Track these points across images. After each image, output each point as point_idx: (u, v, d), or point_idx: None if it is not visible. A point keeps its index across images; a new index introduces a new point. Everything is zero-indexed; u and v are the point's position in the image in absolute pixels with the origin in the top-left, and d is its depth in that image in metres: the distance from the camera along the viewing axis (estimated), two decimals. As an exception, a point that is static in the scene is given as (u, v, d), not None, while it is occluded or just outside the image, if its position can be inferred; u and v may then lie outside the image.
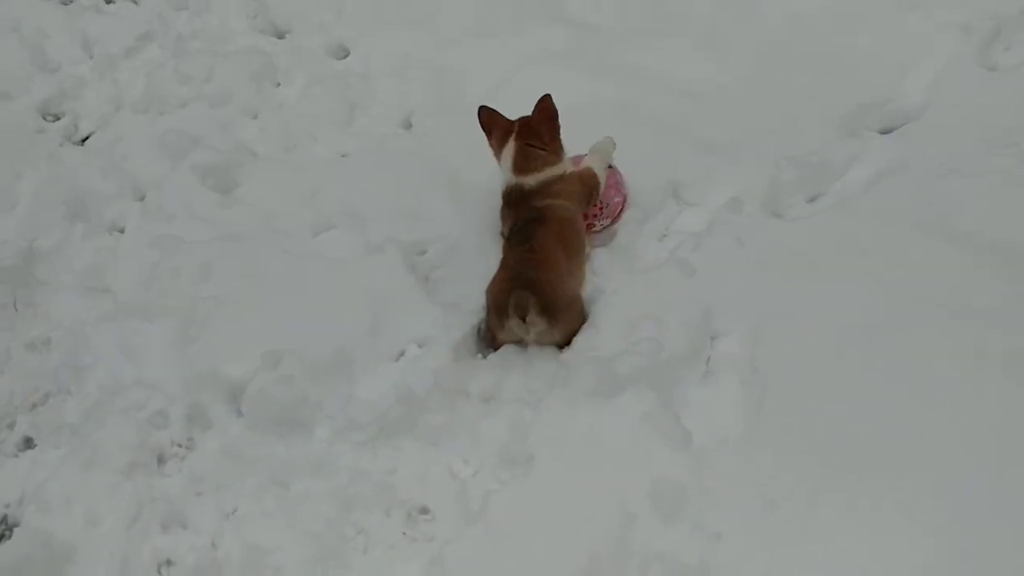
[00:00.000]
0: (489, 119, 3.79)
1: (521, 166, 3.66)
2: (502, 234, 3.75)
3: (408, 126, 4.65)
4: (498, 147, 3.76)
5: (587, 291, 3.58)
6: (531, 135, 3.70)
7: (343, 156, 4.49)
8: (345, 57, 5.13)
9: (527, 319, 3.18)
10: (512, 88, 4.67)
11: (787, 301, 3.43)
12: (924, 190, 3.90)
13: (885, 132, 4.38)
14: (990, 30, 4.81)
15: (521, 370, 3.35)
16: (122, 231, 4.02)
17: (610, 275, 3.68)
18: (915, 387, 3.07)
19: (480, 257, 3.82)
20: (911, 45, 4.73)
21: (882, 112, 4.43)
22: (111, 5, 5.59)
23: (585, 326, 3.43)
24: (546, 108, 3.70)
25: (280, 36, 5.30)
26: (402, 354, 3.48)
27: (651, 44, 4.81)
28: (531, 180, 3.65)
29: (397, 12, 5.22)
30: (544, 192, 3.63)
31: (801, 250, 3.64)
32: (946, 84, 4.52)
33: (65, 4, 5.53)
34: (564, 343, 3.35)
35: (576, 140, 4.00)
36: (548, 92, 3.72)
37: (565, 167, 3.74)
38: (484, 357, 3.44)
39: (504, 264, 3.40)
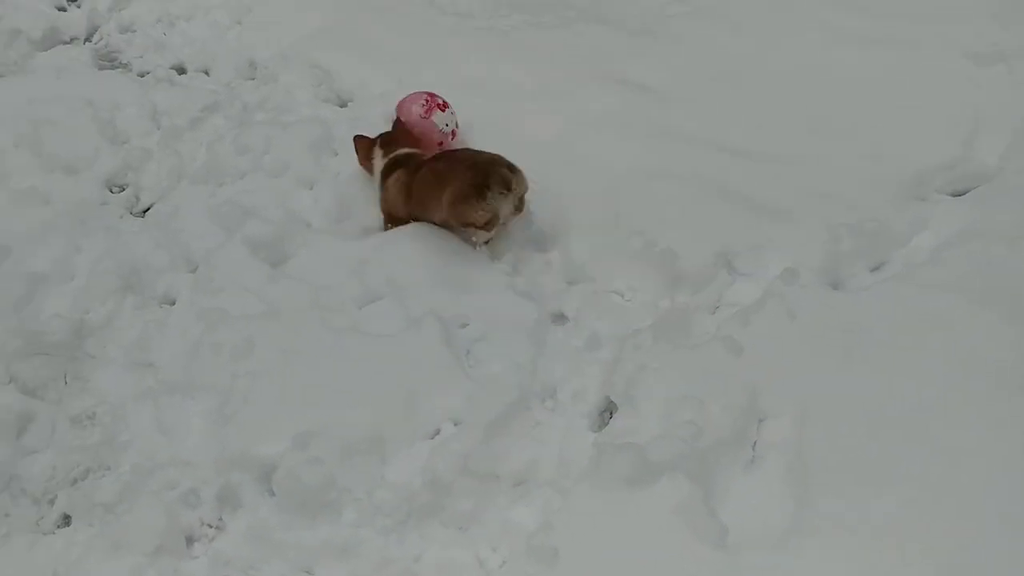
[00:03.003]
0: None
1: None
2: None
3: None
4: None
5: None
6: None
7: (396, 224, 4.48)
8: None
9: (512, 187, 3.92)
10: (566, 151, 4.61)
11: (840, 382, 3.26)
12: (994, 259, 3.70)
13: (956, 195, 4.17)
14: (1072, 84, 4.58)
15: (555, 451, 3.25)
16: (173, 303, 4.06)
17: (654, 351, 3.55)
18: (982, 485, 2.86)
19: (522, 332, 3.74)
20: (987, 103, 4.52)
21: (952, 174, 4.24)
22: (183, 76, 5.74)
23: (623, 405, 3.33)
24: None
25: (343, 105, 5.34)
26: (437, 432, 3.41)
27: (702, 106, 4.70)
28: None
29: (455, 76, 5.21)
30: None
31: (856, 325, 3.46)
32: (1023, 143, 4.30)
33: (140, 77, 5.70)
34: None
35: (635, 214, 4.14)
36: None
37: None
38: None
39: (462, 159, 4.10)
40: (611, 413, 3.44)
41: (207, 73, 5.77)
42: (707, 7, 5.69)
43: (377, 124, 5.08)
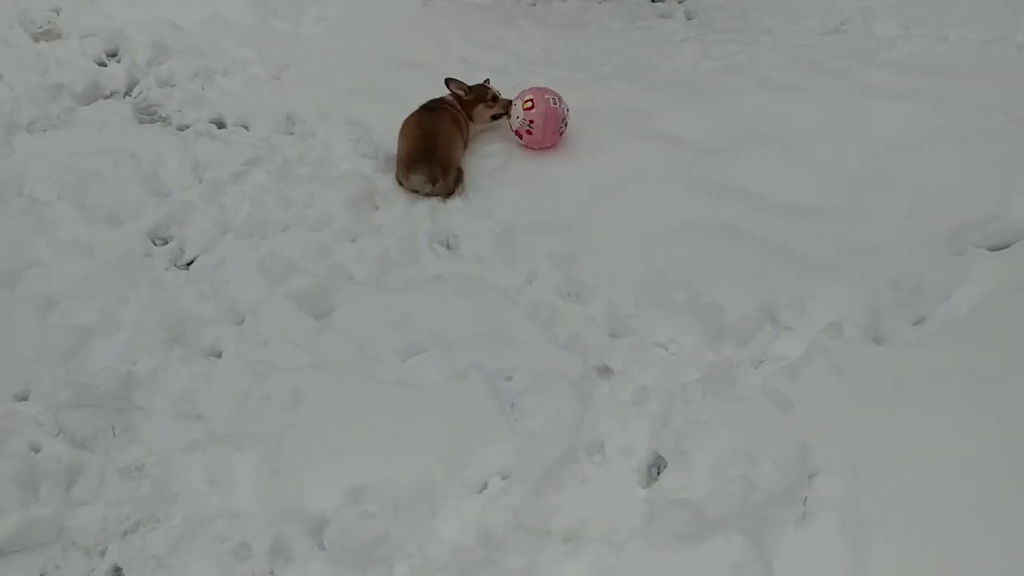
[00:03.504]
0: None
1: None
2: None
3: (502, 247, 4.64)
4: None
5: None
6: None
7: (437, 277, 4.51)
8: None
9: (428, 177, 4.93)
10: (607, 204, 4.67)
11: (889, 438, 3.26)
12: (1036, 313, 3.71)
13: (994, 249, 4.21)
14: (1105, 140, 4.62)
15: (606, 507, 3.25)
16: (219, 356, 4.09)
17: (702, 405, 3.57)
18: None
19: (567, 385, 3.76)
20: (1021, 157, 4.57)
21: (990, 229, 4.29)
22: (223, 130, 5.84)
23: (673, 460, 3.33)
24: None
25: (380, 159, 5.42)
26: (485, 486, 3.41)
27: (741, 160, 4.77)
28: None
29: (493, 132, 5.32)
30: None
31: (904, 380, 3.48)
32: (1059, 199, 4.34)
33: (180, 130, 5.80)
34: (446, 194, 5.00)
35: (677, 267, 4.19)
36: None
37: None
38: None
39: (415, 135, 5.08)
40: (659, 468, 3.44)
41: (246, 127, 5.88)
42: (738, 64, 5.81)
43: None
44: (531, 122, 5.07)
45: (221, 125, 5.92)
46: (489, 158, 5.22)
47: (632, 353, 3.92)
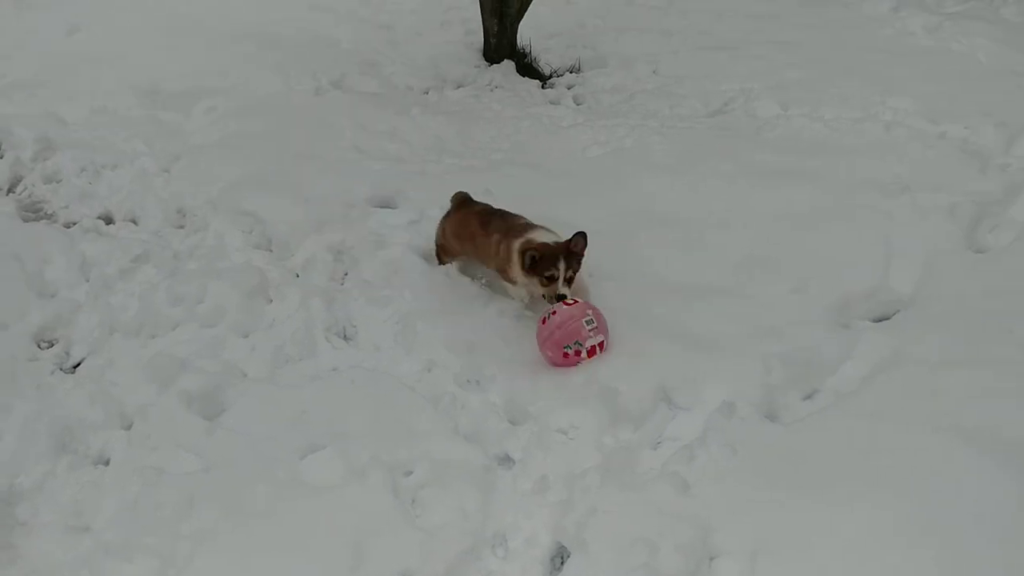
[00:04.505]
0: None
1: None
2: None
3: (400, 336, 4.62)
4: None
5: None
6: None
7: (334, 369, 4.45)
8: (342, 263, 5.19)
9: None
10: (503, 290, 4.70)
11: (788, 515, 3.32)
12: (921, 384, 3.86)
13: (877, 321, 4.36)
14: (976, 212, 4.87)
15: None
16: (107, 463, 3.95)
17: (602, 492, 3.57)
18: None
19: (469, 476, 3.73)
20: (897, 232, 4.78)
21: (872, 302, 4.46)
22: (111, 226, 5.72)
23: (575, 551, 3.31)
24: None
25: (274, 250, 5.36)
26: (386, 587, 3.34)
27: (633, 244, 4.88)
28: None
29: (398, 220, 5.34)
30: None
31: (799, 457, 3.55)
32: (935, 269, 4.56)
33: (67, 227, 5.66)
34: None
35: None
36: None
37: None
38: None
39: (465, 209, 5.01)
40: (563, 558, 3.42)
41: (135, 222, 5.76)
42: (626, 148, 5.98)
43: (316, 267, 5.11)
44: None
45: (109, 221, 5.80)
46: (385, 248, 5.20)
47: (532, 440, 3.91)
